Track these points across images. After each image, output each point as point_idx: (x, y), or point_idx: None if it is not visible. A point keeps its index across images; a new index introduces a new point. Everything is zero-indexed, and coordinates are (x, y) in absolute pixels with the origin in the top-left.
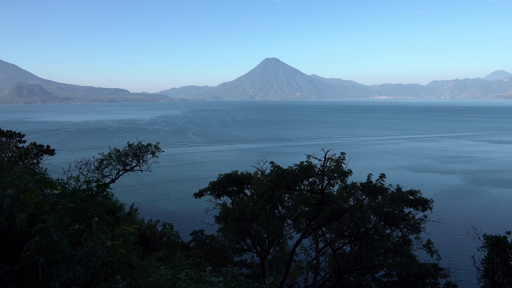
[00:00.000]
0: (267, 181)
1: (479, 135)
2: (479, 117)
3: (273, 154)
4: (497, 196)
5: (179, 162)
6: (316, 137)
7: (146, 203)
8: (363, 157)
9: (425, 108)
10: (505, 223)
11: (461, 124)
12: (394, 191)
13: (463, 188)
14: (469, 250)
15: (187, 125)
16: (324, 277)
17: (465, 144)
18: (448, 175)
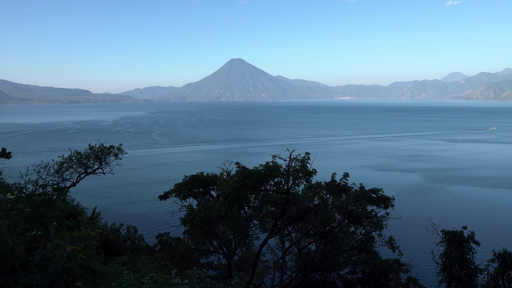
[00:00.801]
0: (233, 182)
1: (437, 134)
2: (437, 117)
3: (239, 155)
4: (454, 193)
5: (143, 164)
6: (282, 137)
7: (110, 206)
8: (328, 156)
9: (386, 108)
10: (462, 218)
11: (420, 123)
12: (358, 190)
13: (422, 185)
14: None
15: (152, 126)
16: (290, 276)
17: (424, 143)
18: (408, 173)
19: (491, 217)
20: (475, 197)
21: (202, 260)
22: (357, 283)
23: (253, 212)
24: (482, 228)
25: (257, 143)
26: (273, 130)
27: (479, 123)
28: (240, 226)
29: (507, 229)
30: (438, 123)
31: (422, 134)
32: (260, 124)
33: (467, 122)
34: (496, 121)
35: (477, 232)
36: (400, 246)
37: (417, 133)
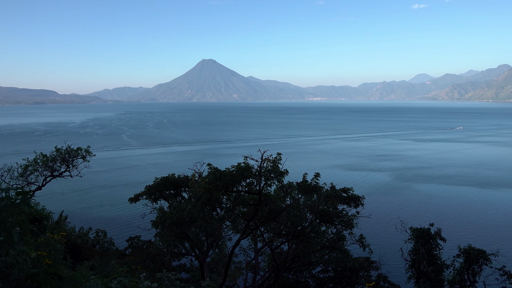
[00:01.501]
0: (205, 183)
1: (405, 134)
2: (405, 117)
3: (210, 156)
4: (422, 191)
5: (113, 166)
6: (254, 138)
7: (78, 210)
8: (299, 157)
9: (356, 109)
10: (429, 215)
11: (389, 124)
12: (329, 189)
13: (391, 184)
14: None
15: (122, 127)
16: (263, 276)
17: (393, 142)
18: (378, 173)
19: (456, 214)
20: (442, 195)
21: (174, 263)
22: (329, 282)
23: (226, 213)
24: (448, 224)
25: (229, 144)
26: (245, 131)
27: (446, 123)
28: (213, 227)
29: (472, 225)
30: (406, 123)
31: (391, 134)
32: (232, 125)
33: (434, 122)
34: (462, 121)
35: (444, 228)
36: (370, 244)
37: (386, 133)
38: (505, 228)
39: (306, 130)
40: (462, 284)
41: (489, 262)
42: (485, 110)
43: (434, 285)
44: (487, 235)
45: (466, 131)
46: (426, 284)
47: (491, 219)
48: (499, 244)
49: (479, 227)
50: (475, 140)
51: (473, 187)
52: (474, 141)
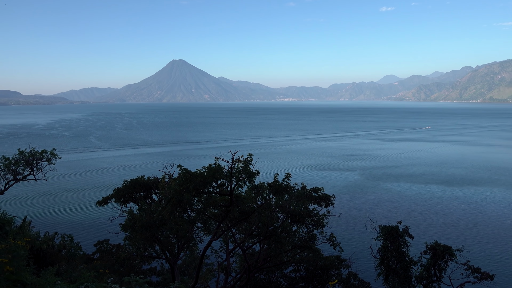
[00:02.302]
0: (175, 185)
1: (374, 134)
2: (373, 117)
3: (181, 157)
4: (390, 189)
5: (80, 169)
6: (225, 139)
7: (43, 215)
8: (271, 157)
9: (326, 109)
10: (397, 213)
11: (358, 124)
12: (300, 189)
13: (361, 183)
14: (367, 240)
15: (89, 129)
16: (235, 277)
17: (362, 142)
18: (348, 172)
19: (423, 212)
20: (409, 193)
21: (145, 267)
22: (300, 281)
23: (197, 215)
24: (416, 222)
25: (200, 145)
26: (216, 132)
27: (415, 122)
28: (183, 229)
29: (438, 222)
30: (375, 123)
31: (360, 134)
32: (203, 126)
33: (403, 122)
34: (430, 121)
35: (411, 226)
36: (340, 243)
37: (355, 133)
38: (470, 224)
39: (277, 131)
40: (429, 280)
41: (454, 257)
42: (450, 110)
43: (403, 282)
44: (452, 231)
45: (433, 130)
46: (395, 280)
47: (456, 216)
48: (464, 240)
49: (445, 224)
50: (441, 140)
51: (439, 185)
52: (440, 141)
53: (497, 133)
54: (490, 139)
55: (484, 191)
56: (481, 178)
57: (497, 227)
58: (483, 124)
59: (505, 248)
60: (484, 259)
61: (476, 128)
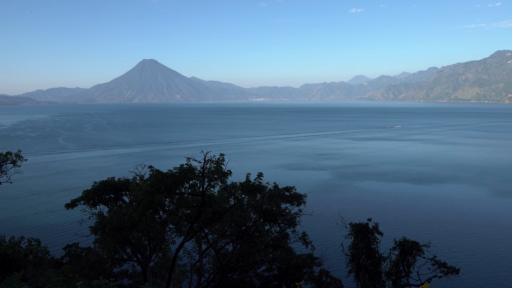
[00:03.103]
0: (146, 186)
1: (344, 133)
2: (344, 117)
3: (152, 158)
4: (360, 187)
5: (48, 171)
6: (197, 139)
7: (8, 219)
8: (243, 157)
9: (298, 109)
10: (368, 211)
11: (329, 123)
12: (272, 189)
13: (332, 182)
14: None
15: (57, 130)
16: (208, 278)
17: (333, 142)
18: (319, 171)
19: (392, 209)
20: (379, 191)
21: (116, 269)
22: (273, 280)
23: (168, 216)
24: (385, 219)
25: (172, 146)
26: (188, 132)
27: (385, 122)
28: (155, 231)
29: (407, 218)
30: (345, 122)
31: (331, 133)
32: (175, 126)
33: (373, 121)
34: (398, 120)
35: (381, 223)
36: (312, 241)
37: (327, 133)
38: (436, 220)
39: (249, 131)
40: (398, 275)
41: (422, 253)
42: (417, 110)
43: (373, 278)
44: (420, 228)
45: (404, 129)
46: (365, 277)
47: (424, 212)
48: (431, 235)
49: (413, 220)
50: (409, 139)
51: (407, 183)
52: (409, 139)
53: (462, 132)
54: (455, 138)
55: (450, 188)
56: (447, 175)
57: (462, 222)
58: (449, 123)
59: (470, 243)
60: (450, 254)
61: (442, 127)
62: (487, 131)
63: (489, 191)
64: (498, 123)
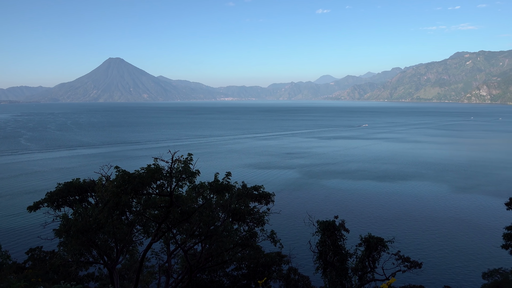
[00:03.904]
0: (113, 187)
1: (312, 132)
2: (311, 116)
3: (119, 159)
4: (327, 185)
5: (9, 172)
6: (165, 139)
7: None
8: (211, 157)
9: (266, 108)
10: (334, 208)
11: (297, 122)
12: (240, 188)
13: (300, 180)
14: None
15: (19, 130)
16: (176, 279)
17: (301, 140)
18: (287, 170)
19: (358, 206)
20: (345, 189)
21: (81, 273)
22: (242, 279)
23: (136, 217)
24: (352, 216)
25: (139, 146)
26: (155, 132)
27: (351, 121)
28: (122, 232)
29: (372, 215)
30: (312, 121)
31: (298, 132)
32: (142, 126)
33: (340, 120)
34: (365, 119)
35: (347, 220)
36: (281, 239)
37: (294, 132)
38: (400, 216)
39: (218, 130)
40: (364, 271)
41: (386, 248)
42: (382, 109)
43: (339, 274)
44: (385, 224)
45: (370, 128)
46: (333, 273)
47: (389, 208)
48: (395, 231)
49: (378, 217)
50: (374, 137)
51: (373, 181)
52: (374, 138)
53: (424, 130)
54: (417, 136)
55: (413, 185)
56: (410, 172)
57: (425, 218)
58: (412, 122)
59: (432, 237)
60: (413, 249)
61: (405, 126)
62: (448, 130)
63: (450, 188)
64: (457, 121)
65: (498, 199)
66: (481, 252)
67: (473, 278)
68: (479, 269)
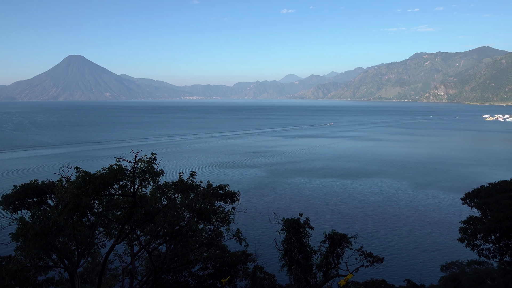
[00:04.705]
0: (73, 189)
1: (277, 131)
2: (276, 115)
3: (80, 159)
4: (293, 183)
5: None
6: (128, 138)
7: None
8: (176, 156)
9: (231, 107)
10: (299, 206)
11: (262, 121)
12: (205, 187)
13: (265, 179)
14: (272, 234)
15: None
16: (141, 281)
17: (266, 139)
18: (253, 169)
19: (323, 203)
20: (310, 187)
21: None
22: (208, 278)
23: (97, 218)
24: (316, 213)
25: (101, 146)
26: (118, 131)
27: (317, 119)
28: (83, 235)
29: (336, 212)
30: (278, 120)
31: (264, 131)
32: (104, 125)
33: (306, 119)
34: (329, 118)
35: (312, 217)
36: (246, 238)
37: (260, 130)
38: (363, 212)
39: (182, 129)
40: (328, 267)
41: (349, 244)
42: (345, 108)
43: (304, 271)
44: (348, 220)
45: (332, 127)
46: (298, 270)
47: (352, 205)
48: (358, 227)
49: (342, 213)
50: (338, 136)
51: (336, 178)
52: (338, 136)
53: (385, 128)
54: (379, 134)
55: (376, 182)
56: (373, 170)
57: (387, 213)
58: (374, 120)
59: (393, 232)
60: (375, 244)
61: (368, 125)
62: (408, 128)
63: (410, 184)
64: (417, 120)
65: (455, 195)
66: (439, 245)
67: (432, 270)
68: (438, 262)
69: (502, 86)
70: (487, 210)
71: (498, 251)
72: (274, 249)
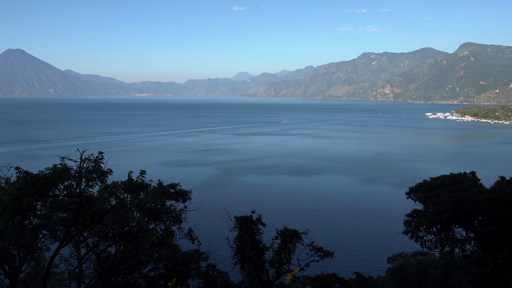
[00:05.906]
0: (13, 190)
1: (229, 128)
2: (228, 113)
3: (21, 159)
4: (245, 181)
5: None
6: (74, 137)
7: None
8: (125, 155)
9: (183, 105)
10: (252, 203)
11: (214, 119)
12: (156, 186)
13: (217, 177)
14: (224, 231)
15: None
16: (89, 284)
17: (218, 137)
18: (204, 167)
19: (275, 200)
20: (262, 184)
21: None
22: (160, 279)
23: (41, 221)
24: (268, 210)
25: (45, 145)
26: (63, 130)
27: (271, 117)
28: (25, 238)
29: (288, 208)
30: (230, 118)
31: (216, 129)
32: (48, 123)
33: (259, 117)
34: (283, 115)
35: (264, 214)
36: (199, 237)
37: (212, 128)
38: (314, 208)
39: (132, 127)
40: (280, 263)
41: (301, 240)
42: (297, 106)
43: (257, 267)
44: (300, 216)
45: (284, 125)
46: (250, 267)
47: (303, 201)
48: (309, 223)
49: (294, 210)
50: (290, 133)
51: (288, 175)
52: (290, 134)
53: (335, 126)
54: (329, 132)
55: (326, 178)
56: (323, 166)
57: (336, 209)
58: (324, 118)
59: (343, 227)
60: (326, 239)
61: (318, 122)
62: (356, 125)
63: (359, 180)
64: (364, 118)
65: (400, 189)
66: (386, 238)
67: (380, 262)
68: (385, 254)
69: (443, 85)
70: (429, 204)
71: (439, 242)
72: (227, 247)
